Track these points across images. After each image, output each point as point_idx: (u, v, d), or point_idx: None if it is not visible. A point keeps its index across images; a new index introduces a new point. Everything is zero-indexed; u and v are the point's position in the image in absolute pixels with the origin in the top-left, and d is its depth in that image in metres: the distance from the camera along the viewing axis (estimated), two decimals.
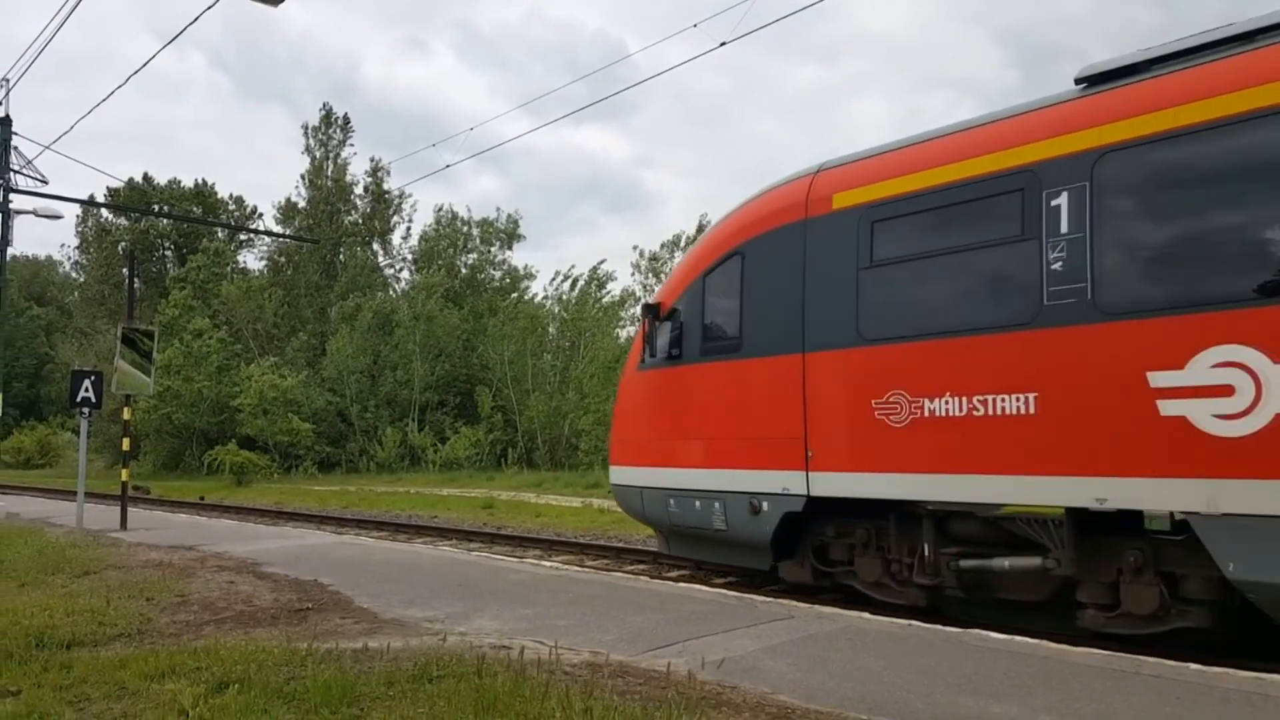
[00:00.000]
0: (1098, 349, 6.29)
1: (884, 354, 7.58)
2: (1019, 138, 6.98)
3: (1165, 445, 5.92)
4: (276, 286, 49.60)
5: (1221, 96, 5.94)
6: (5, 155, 18.94)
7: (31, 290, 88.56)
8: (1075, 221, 6.45)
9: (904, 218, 7.60)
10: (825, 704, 4.33)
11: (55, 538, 12.03)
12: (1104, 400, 6.21)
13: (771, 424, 8.36)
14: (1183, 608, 6.24)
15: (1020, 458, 6.64)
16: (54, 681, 4.93)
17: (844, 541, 8.27)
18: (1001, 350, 6.79)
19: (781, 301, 8.39)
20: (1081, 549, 6.62)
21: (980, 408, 6.85)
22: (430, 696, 4.35)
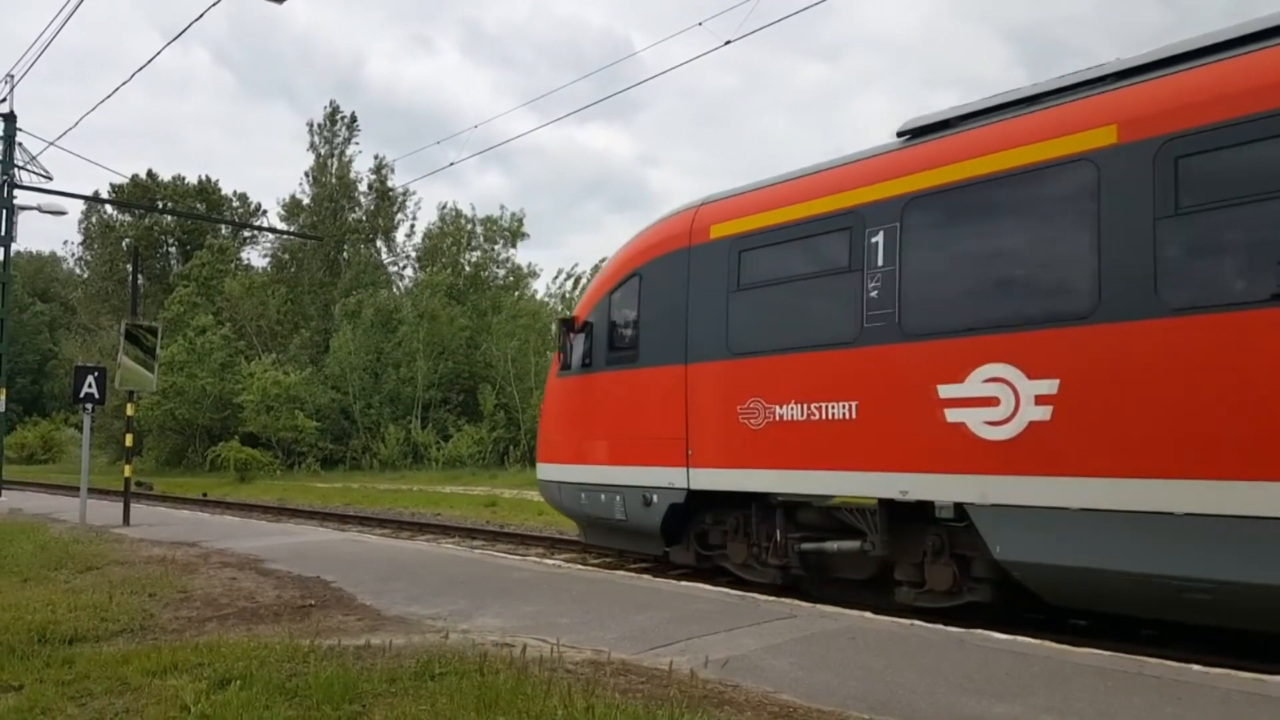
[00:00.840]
0: (901, 365, 7.42)
1: (745, 366, 8.71)
2: (850, 183, 8.09)
3: (949, 446, 7.00)
4: (280, 283, 49.68)
5: (998, 153, 7.07)
6: (10, 151, 18.97)
7: (35, 286, 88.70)
8: (888, 257, 7.58)
9: (762, 248, 8.74)
10: (828, 703, 4.32)
11: (58, 533, 12.06)
12: (906, 408, 7.32)
13: (660, 426, 9.45)
14: (972, 584, 7.31)
15: (844, 455, 7.79)
16: (56, 677, 4.94)
17: (719, 528, 9.40)
18: (832, 365, 7.95)
19: (670, 318, 9.50)
20: (892, 534, 7.73)
21: (816, 413, 8.01)
22: (433, 694, 4.34)
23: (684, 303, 9.34)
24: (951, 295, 7.26)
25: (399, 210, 51.81)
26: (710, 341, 9.03)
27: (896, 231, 7.53)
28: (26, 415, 70.21)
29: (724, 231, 9.14)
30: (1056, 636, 6.23)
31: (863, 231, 7.77)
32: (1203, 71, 6.24)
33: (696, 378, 9.15)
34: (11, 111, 18.90)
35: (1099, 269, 6.30)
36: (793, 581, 8.71)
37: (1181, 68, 6.41)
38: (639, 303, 9.96)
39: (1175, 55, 6.54)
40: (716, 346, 8.97)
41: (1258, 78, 5.84)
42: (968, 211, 7.23)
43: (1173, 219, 6.05)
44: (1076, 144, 6.60)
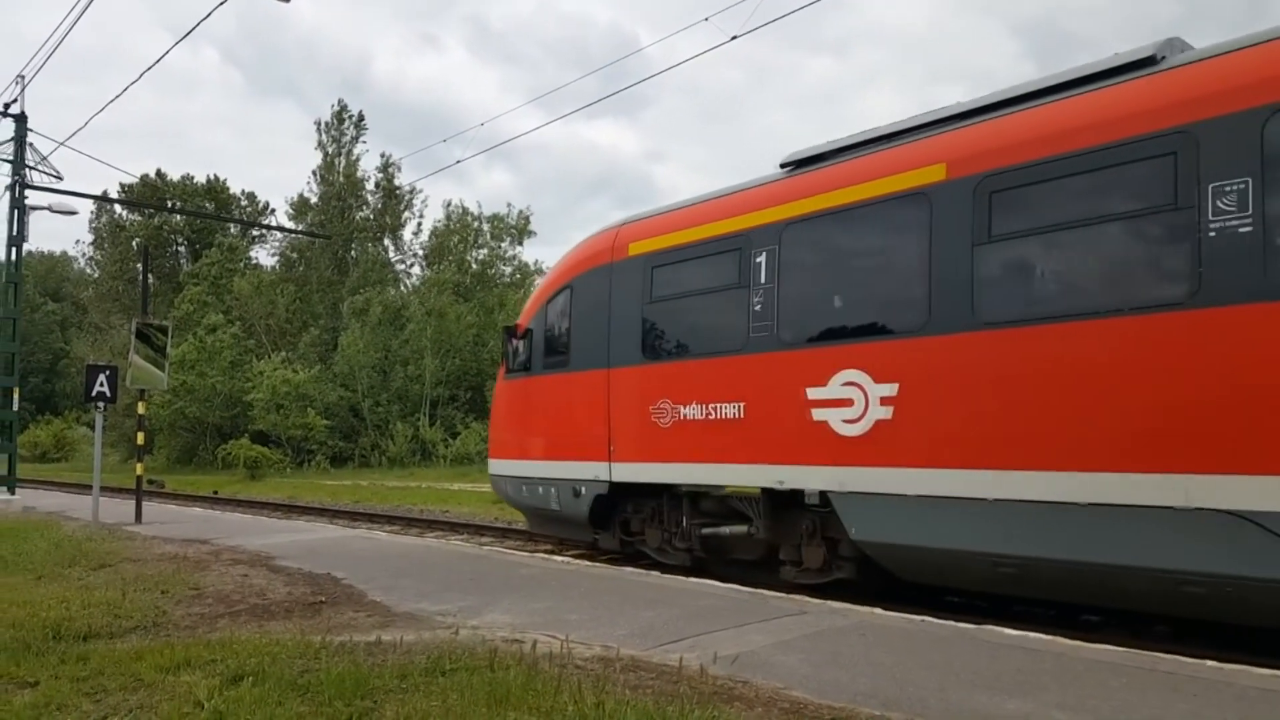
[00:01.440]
0: (778, 371, 8.38)
1: (657, 370, 9.71)
2: (741, 209, 9.08)
3: (815, 441, 7.99)
4: (289, 282, 49.84)
5: (853, 186, 8.06)
6: (20, 151, 19.04)
7: (46, 286, 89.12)
8: (768, 275, 8.57)
9: (670, 265, 9.73)
10: (838, 699, 4.32)
11: (71, 531, 12.13)
12: (782, 408, 8.30)
13: (587, 425, 10.42)
14: (840, 563, 8.25)
15: (734, 450, 8.77)
16: (71, 673, 4.97)
17: (638, 516, 10.38)
18: (724, 370, 8.92)
19: (595, 326, 10.46)
20: (773, 519, 8.73)
21: (712, 412, 8.99)
22: (443, 690, 4.35)
23: (607, 313, 10.33)
24: (817, 309, 8.33)
25: (406, 208, 51.93)
26: (628, 348, 10.02)
27: (776, 253, 8.58)
28: (39, 414, 70.62)
29: (640, 249, 10.13)
30: (1068, 632, 6.22)
31: (749, 252, 8.80)
32: (1011, 118, 7.25)
33: (617, 381, 10.13)
34: (22, 112, 18.98)
35: (929, 288, 7.28)
36: (699, 563, 9.66)
37: (998, 114, 7.40)
38: (570, 312, 10.93)
39: (996, 102, 7.56)
40: (633, 353, 9.97)
41: (1046, 127, 6.89)
42: (829, 237, 8.30)
43: (986, 245, 7.02)
44: (914, 180, 7.56)
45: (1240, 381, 5.69)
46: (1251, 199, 5.75)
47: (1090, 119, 6.66)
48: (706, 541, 9.53)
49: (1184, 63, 6.49)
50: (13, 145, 18.92)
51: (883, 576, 7.95)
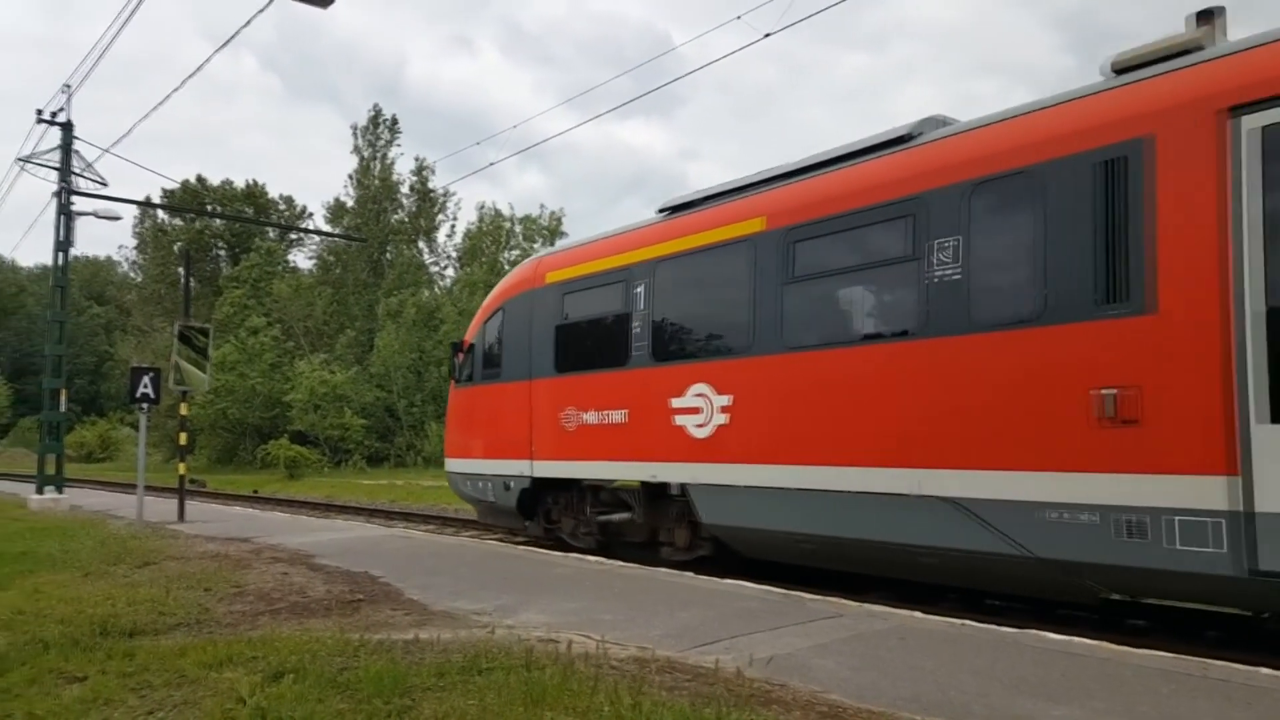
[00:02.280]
0: (650, 383, 9.97)
1: (565, 382, 11.25)
2: (628, 246, 10.71)
3: (675, 443, 9.59)
4: (326, 284, 50.43)
5: (703, 232, 9.72)
6: (67, 159, 19.42)
7: (91, 290, 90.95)
8: (645, 303, 10.18)
9: (575, 292, 11.31)
10: (877, 703, 4.27)
11: (116, 529, 12.37)
12: (653, 415, 9.89)
13: (514, 428, 11.97)
14: (700, 542, 9.86)
15: (621, 450, 10.35)
16: (118, 668, 5.06)
17: (557, 507, 11.86)
18: (613, 382, 10.50)
19: (521, 343, 12.04)
20: (651, 508, 10.42)
21: (605, 418, 10.56)
22: (480, 688, 4.37)
23: (529, 332, 11.89)
24: (678, 333, 9.91)
25: (439, 211, 52.32)
26: (545, 362, 11.59)
27: (651, 285, 10.17)
28: (85, 415, 72.06)
29: (554, 278, 11.72)
30: (1114, 637, 6.09)
31: (632, 284, 10.40)
32: (809, 181, 8.87)
33: (536, 391, 11.71)
34: (69, 120, 19.36)
35: (753, 317, 8.90)
36: (602, 546, 11.08)
37: (804, 177, 9.00)
38: (501, 331, 12.55)
39: (806, 166, 9.10)
40: (548, 366, 11.52)
41: (829, 190, 8.50)
42: (687, 272, 9.85)
43: (789, 284, 8.63)
44: (744, 229, 9.17)
45: (950, 396, 7.21)
46: (960, 253, 7.26)
47: (857, 186, 8.25)
48: (604, 527, 11.11)
49: (924, 142, 8.02)
50: (59, 153, 19.30)
51: (733, 554, 9.61)
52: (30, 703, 4.66)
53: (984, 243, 7.15)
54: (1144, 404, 6.14)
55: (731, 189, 9.86)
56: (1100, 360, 6.39)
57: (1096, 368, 6.40)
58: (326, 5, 10.11)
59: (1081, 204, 6.58)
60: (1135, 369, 6.21)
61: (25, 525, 13.58)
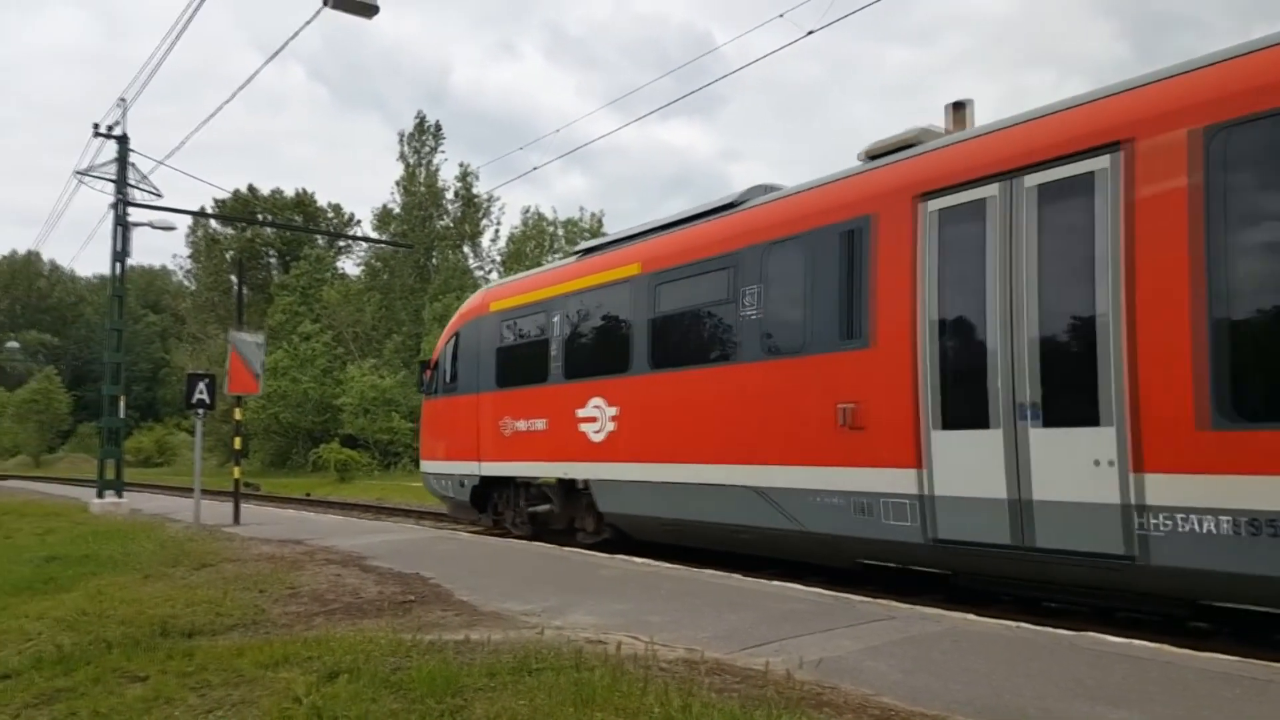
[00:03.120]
0: (563, 397, 11.96)
1: (503, 396, 13.33)
2: (550, 282, 12.82)
3: (579, 446, 11.56)
4: (374, 290, 51.13)
5: (599, 274, 11.76)
6: (123, 171, 19.92)
7: (147, 298, 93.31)
8: (560, 331, 12.23)
9: (511, 320, 13.47)
10: (931, 707, 4.20)
11: (174, 532, 12.66)
12: (565, 422, 11.83)
13: (468, 434, 14.02)
14: (604, 528, 11.72)
15: (543, 452, 12.35)
16: (177, 668, 5.17)
17: (500, 501, 13.82)
18: (538, 396, 12.50)
19: (472, 362, 14.18)
20: (566, 500, 12.33)
21: (531, 426, 12.61)
22: (530, 689, 4.39)
23: (478, 352, 14.03)
24: (582, 355, 11.89)
25: (484, 216, 52.79)
26: (489, 379, 13.68)
27: (565, 316, 12.19)
28: (142, 420, 73.93)
29: (497, 307, 13.87)
30: (1177, 640, 5.93)
31: (551, 314, 12.42)
32: (668, 236, 10.99)
33: (483, 403, 13.75)
34: (124, 133, 19.87)
35: (630, 344, 10.95)
36: (536, 533, 12.89)
37: (667, 232, 11.10)
38: (457, 351, 14.66)
39: (671, 222, 11.25)
40: (491, 382, 13.64)
41: (679, 244, 10.64)
42: (588, 306, 11.85)
43: (654, 317, 10.70)
44: (626, 272, 11.21)
45: (750, 408, 9.35)
46: (759, 298, 9.31)
47: (699, 242, 10.39)
48: (534, 517, 12.96)
49: (743, 208, 10.14)
50: (116, 165, 19.82)
51: (626, 538, 11.54)
52: (95, 701, 4.78)
53: (774, 290, 9.22)
54: (867, 415, 8.10)
55: (625, 237, 12.16)
56: (841, 381, 8.36)
57: (840, 387, 8.36)
58: (372, 15, 10.26)
59: (831, 263, 8.57)
60: (861, 389, 8.19)
61: (87, 529, 13.95)
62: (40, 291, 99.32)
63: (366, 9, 10.61)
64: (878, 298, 8.08)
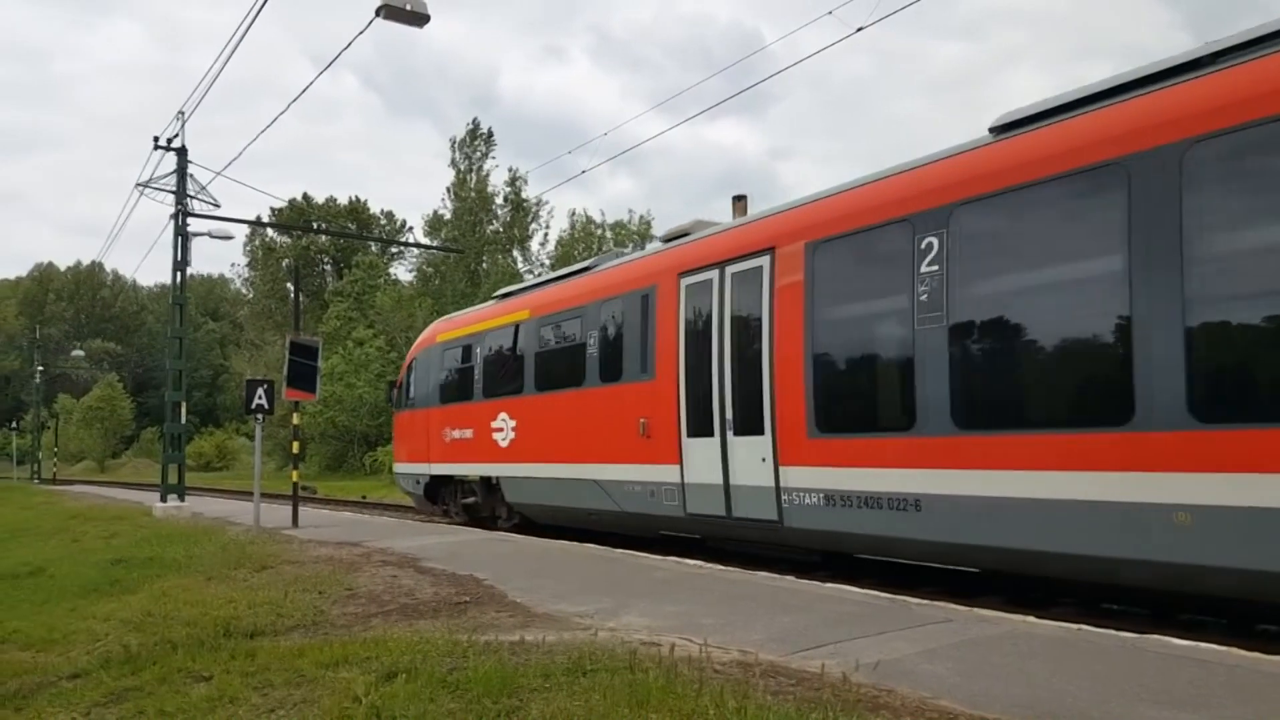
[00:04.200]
0: (482, 412, 14.80)
1: (445, 410, 16.22)
2: (475, 320, 15.89)
3: (493, 451, 14.40)
4: (426, 295, 51.76)
5: (504, 316, 14.70)
6: (182, 183, 20.46)
7: (207, 306, 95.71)
8: (480, 360, 15.12)
9: (451, 350, 16.32)
10: (991, 710, 4.14)
11: (235, 535, 12.94)
12: (484, 432, 14.64)
13: (422, 441, 16.96)
14: (515, 515, 14.44)
15: (470, 456, 15.20)
16: (240, 668, 5.30)
17: (445, 495, 16.73)
18: (467, 411, 15.34)
19: (424, 382, 17.13)
20: (487, 493, 15.08)
21: (464, 434, 15.42)
22: (585, 690, 4.41)
23: (428, 375, 16.98)
24: (494, 380, 14.78)
25: (533, 220, 53.16)
26: (435, 397, 16.61)
27: (484, 348, 15.13)
28: (202, 426, 75.75)
29: (441, 339, 16.84)
30: (1244, 643, 5.75)
31: (474, 346, 15.40)
32: (552, 288, 14.03)
33: (431, 416, 16.63)
34: (183, 145, 20.42)
35: (523, 371, 13.84)
36: (471, 521, 15.43)
37: (552, 284, 14.22)
38: (414, 374, 17.60)
39: (558, 276, 14.52)
40: (436, 400, 16.58)
41: (557, 294, 13.55)
42: (497, 341, 14.79)
43: (538, 351, 13.62)
44: (521, 315, 14.19)
45: (591, 420, 12.15)
46: (598, 340, 12.15)
47: (562, 295, 13.47)
48: (466, 508, 15.73)
49: (591, 272, 13.28)
50: (175, 177, 20.36)
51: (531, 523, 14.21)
52: (161, 700, 4.92)
53: (604, 335, 12.09)
54: (654, 427, 11.03)
55: (527, 286, 15.73)
56: (641, 403, 11.25)
57: (640, 407, 11.25)
58: (423, 24, 10.40)
59: (634, 318, 11.55)
60: (650, 408, 11.10)
61: (151, 532, 14.33)
62: (104, 301, 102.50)
63: (417, 18, 10.76)
64: (657, 343, 11.08)
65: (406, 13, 10.69)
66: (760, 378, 9.43)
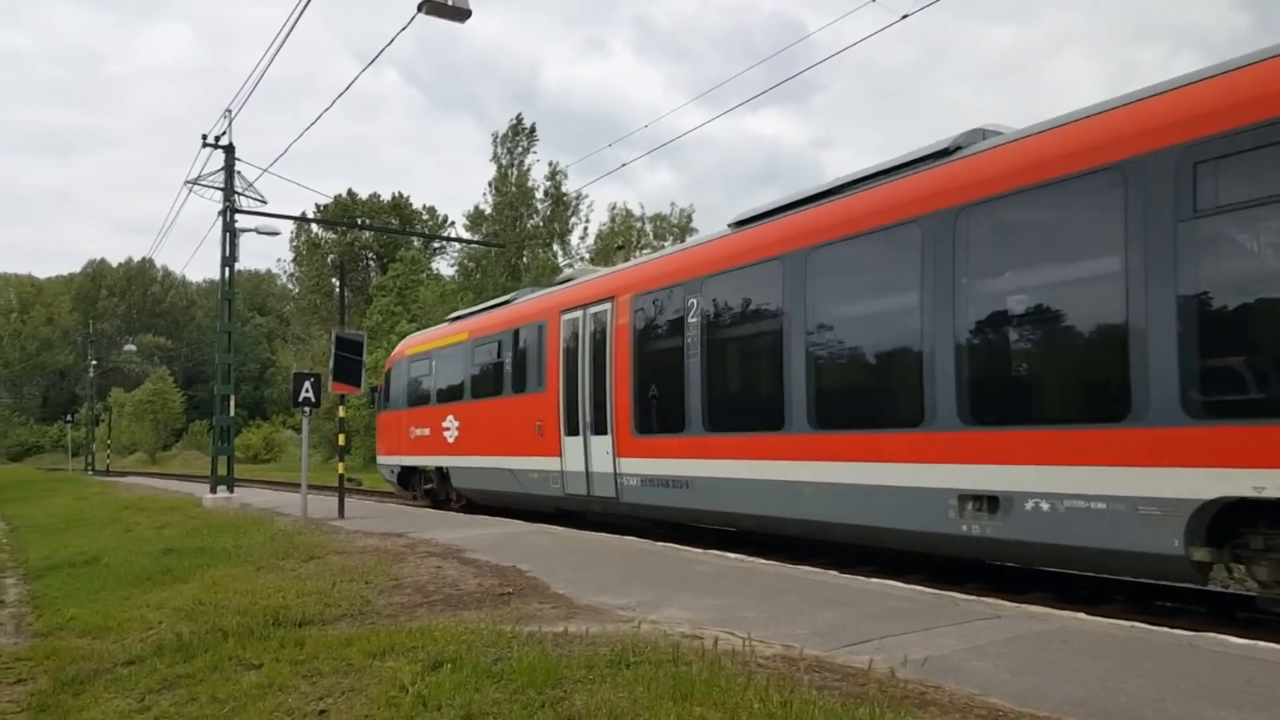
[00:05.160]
0: (436, 414, 17.97)
1: (411, 413, 19.30)
2: (431, 339, 19.17)
3: (443, 445, 17.66)
4: (467, 290, 52.12)
5: (453, 336, 18.13)
6: (230, 180, 20.78)
7: (254, 301, 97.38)
8: (434, 373, 18.62)
9: (415, 362, 19.45)
10: (1041, 708, 4.06)
11: (283, 526, 13.15)
12: (437, 430, 17.81)
13: (396, 437, 20.10)
14: (460, 497, 17.57)
15: (429, 450, 18.27)
16: (290, 656, 5.38)
17: (412, 482, 19.87)
18: (426, 413, 18.38)
19: (398, 389, 20.13)
20: (440, 480, 18.23)
21: (424, 433, 18.50)
22: (629, 682, 4.40)
23: (400, 383, 20.03)
24: (445, 389, 17.82)
25: (573, 214, 53.24)
26: (404, 401, 19.69)
27: (436, 362, 18.32)
28: (250, 419, 77.14)
29: (409, 352, 20.02)
30: None
31: (431, 360, 18.58)
32: (488, 314, 17.42)
33: (402, 417, 19.73)
34: (230, 143, 20.74)
35: (464, 383, 17.01)
36: (432, 504, 18.58)
37: (483, 313, 17.69)
38: (390, 381, 20.68)
39: (486, 307, 18.09)
40: (405, 403, 19.68)
41: (484, 322, 16.99)
42: (447, 358, 17.81)
43: (471, 367, 16.77)
44: (462, 337, 17.32)
45: (504, 422, 15.40)
46: (511, 361, 15.52)
47: (490, 322, 16.70)
48: (426, 492, 18.79)
49: (513, 304, 16.67)
50: (223, 174, 20.71)
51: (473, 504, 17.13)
52: (213, 687, 5.02)
53: (514, 356, 15.39)
54: (545, 428, 14.14)
55: (470, 312, 18.71)
56: (537, 409, 14.42)
57: (536, 413, 14.44)
58: (464, 19, 10.45)
59: (534, 343, 14.76)
60: (542, 414, 14.25)
61: (201, 522, 14.62)
62: (154, 297, 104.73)
63: (459, 13, 10.81)
64: (547, 364, 14.36)
65: (448, 8, 10.75)
66: (606, 392, 12.86)
